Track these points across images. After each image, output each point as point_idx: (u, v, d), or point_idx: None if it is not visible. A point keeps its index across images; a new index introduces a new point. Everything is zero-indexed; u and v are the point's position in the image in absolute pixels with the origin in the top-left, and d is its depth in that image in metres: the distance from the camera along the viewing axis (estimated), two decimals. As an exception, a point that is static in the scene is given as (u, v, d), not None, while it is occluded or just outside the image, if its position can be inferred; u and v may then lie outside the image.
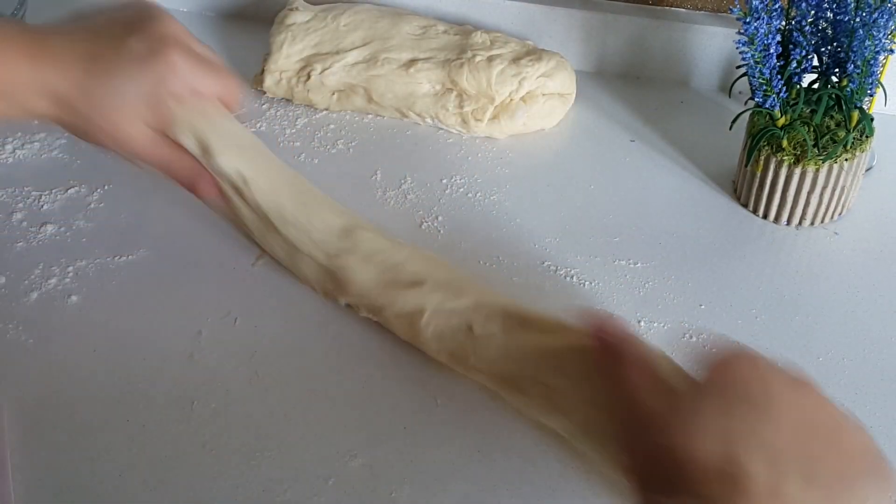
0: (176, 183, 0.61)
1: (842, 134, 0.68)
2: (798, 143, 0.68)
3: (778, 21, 0.65)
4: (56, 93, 0.56)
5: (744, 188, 0.72)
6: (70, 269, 0.65)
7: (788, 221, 0.71)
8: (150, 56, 0.58)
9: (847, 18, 0.66)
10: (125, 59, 0.57)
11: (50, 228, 0.68)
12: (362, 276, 0.61)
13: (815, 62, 0.69)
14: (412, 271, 0.61)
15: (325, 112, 0.80)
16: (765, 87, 0.67)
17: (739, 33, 0.65)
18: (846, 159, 0.68)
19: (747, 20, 0.64)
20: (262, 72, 0.81)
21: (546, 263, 0.67)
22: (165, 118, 0.59)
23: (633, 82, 0.86)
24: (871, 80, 0.67)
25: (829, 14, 0.67)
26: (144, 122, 0.58)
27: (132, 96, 0.57)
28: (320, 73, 0.79)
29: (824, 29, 0.67)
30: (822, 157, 0.68)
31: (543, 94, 0.79)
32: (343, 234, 0.63)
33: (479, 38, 0.80)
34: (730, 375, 0.42)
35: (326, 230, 0.63)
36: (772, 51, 0.65)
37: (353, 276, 0.61)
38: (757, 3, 0.64)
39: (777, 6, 0.65)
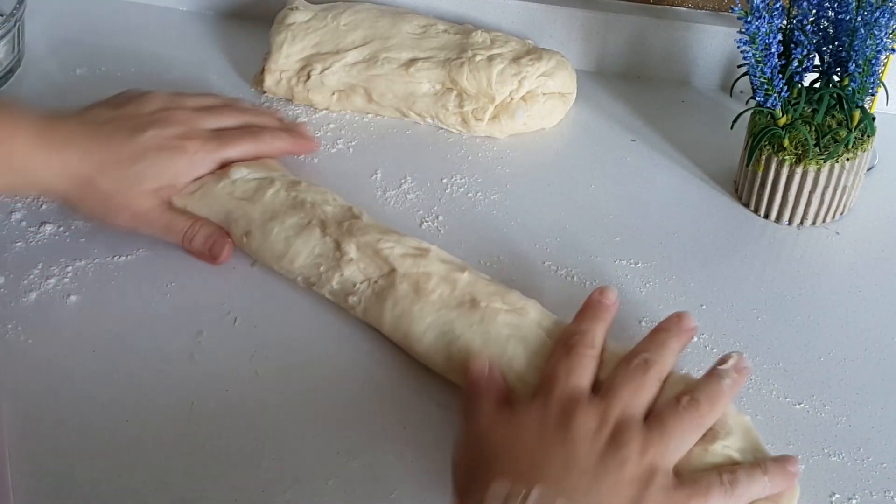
0: (192, 250, 0.65)
1: (843, 133, 0.68)
2: (799, 142, 0.68)
3: (779, 20, 0.65)
4: (77, 173, 0.62)
5: (745, 188, 0.72)
6: (69, 269, 0.65)
7: (790, 221, 0.71)
8: (168, 150, 0.64)
9: (848, 17, 0.66)
10: (144, 150, 0.64)
11: (49, 228, 0.68)
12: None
13: (817, 61, 0.69)
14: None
15: (325, 112, 0.80)
16: (766, 87, 0.66)
17: (740, 32, 0.65)
18: (847, 159, 0.68)
19: (748, 19, 0.64)
20: (262, 71, 0.81)
21: (546, 263, 0.67)
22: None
23: (633, 82, 0.86)
24: (872, 80, 0.66)
25: (831, 13, 0.67)
26: (158, 199, 0.65)
27: (150, 182, 0.64)
28: (320, 73, 0.79)
29: (826, 28, 0.67)
30: (823, 157, 0.67)
31: (544, 94, 0.79)
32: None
33: (479, 37, 0.79)
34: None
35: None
36: (773, 50, 0.65)
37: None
38: (758, 1, 0.64)
39: (778, 5, 0.65)
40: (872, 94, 0.68)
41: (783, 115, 0.68)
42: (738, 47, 0.65)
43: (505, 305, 0.59)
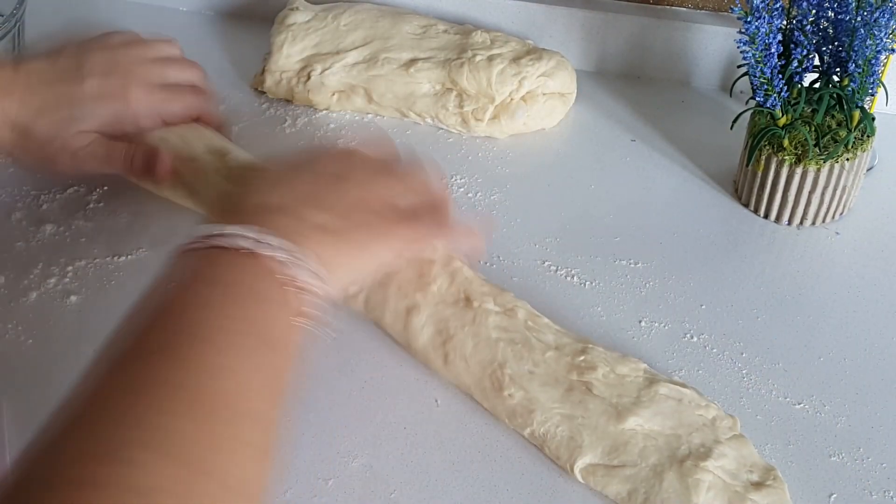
0: (135, 172, 0.65)
1: (843, 133, 0.68)
2: (799, 142, 0.68)
3: (779, 20, 0.65)
4: (16, 123, 0.60)
5: (745, 188, 0.72)
6: (69, 268, 0.65)
7: (789, 221, 0.71)
8: (108, 98, 0.62)
9: (848, 17, 0.66)
10: (84, 98, 0.62)
11: (49, 228, 0.68)
12: None
13: (817, 61, 0.69)
14: None
15: (325, 112, 0.80)
16: (766, 87, 0.66)
17: (740, 32, 0.65)
18: (847, 159, 0.68)
19: (748, 19, 0.64)
20: (263, 72, 0.81)
21: (546, 263, 0.67)
22: (134, 138, 0.64)
23: (633, 82, 0.86)
24: (872, 80, 0.66)
25: (831, 13, 0.67)
26: (97, 135, 0.63)
27: (92, 122, 0.62)
28: (320, 74, 0.79)
29: (825, 28, 0.67)
30: (823, 157, 0.67)
31: (544, 94, 0.79)
32: None
33: (479, 37, 0.79)
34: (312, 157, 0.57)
35: None
36: (773, 50, 0.65)
37: None
38: (758, 2, 0.64)
39: (778, 5, 0.65)
40: (872, 95, 0.68)
41: (783, 115, 0.68)
42: (738, 47, 0.65)
43: (496, 307, 0.59)
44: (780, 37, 0.65)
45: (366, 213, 0.52)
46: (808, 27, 0.67)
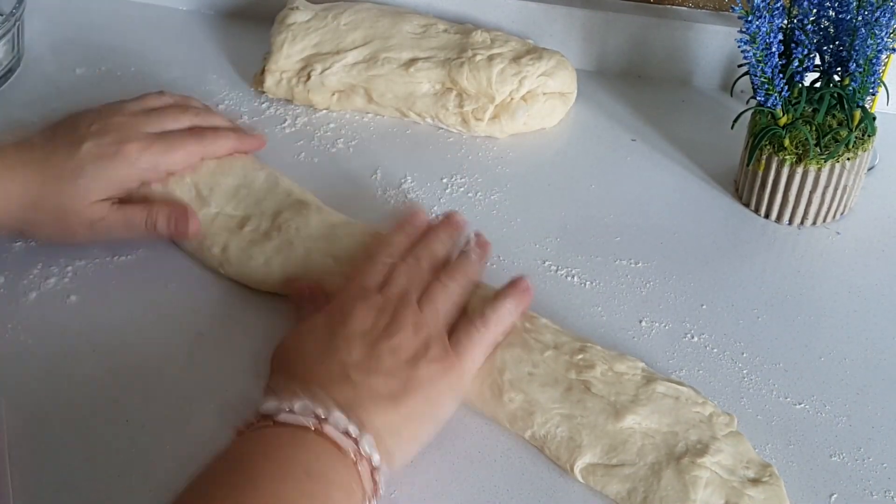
0: (160, 234, 0.65)
1: (844, 133, 0.68)
2: (800, 142, 0.68)
3: (780, 19, 0.65)
4: (22, 202, 0.61)
5: (745, 187, 0.72)
6: (69, 268, 0.65)
7: (790, 221, 0.71)
8: (107, 158, 0.63)
9: (849, 17, 0.66)
10: (83, 164, 0.62)
11: (49, 228, 0.68)
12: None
13: (817, 61, 0.69)
14: None
15: (325, 111, 0.80)
16: (766, 86, 0.66)
17: (741, 32, 0.65)
18: (848, 158, 0.68)
19: (749, 19, 0.64)
20: (263, 71, 0.80)
21: (546, 263, 0.67)
22: (135, 197, 0.65)
23: (634, 81, 0.85)
24: (873, 79, 0.66)
25: (831, 12, 0.67)
26: (111, 203, 0.63)
27: (97, 189, 0.62)
28: (320, 74, 0.79)
29: (826, 27, 0.67)
30: (823, 157, 0.67)
31: (544, 94, 0.79)
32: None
33: (479, 36, 0.79)
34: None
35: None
36: (773, 49, 0.65)
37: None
38: (759, 1, 0.64)
39: (779, 4, 0.65)
40: (873, 94, 0.68)
41: (784, 114, 0.68)
42: (739, 47, 0.65)
43: None
44: (780, 36, 0.65)
45: (425, 364, 0.52)
46: (809, 26, 0.66)
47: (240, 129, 0.73)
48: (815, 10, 0.67)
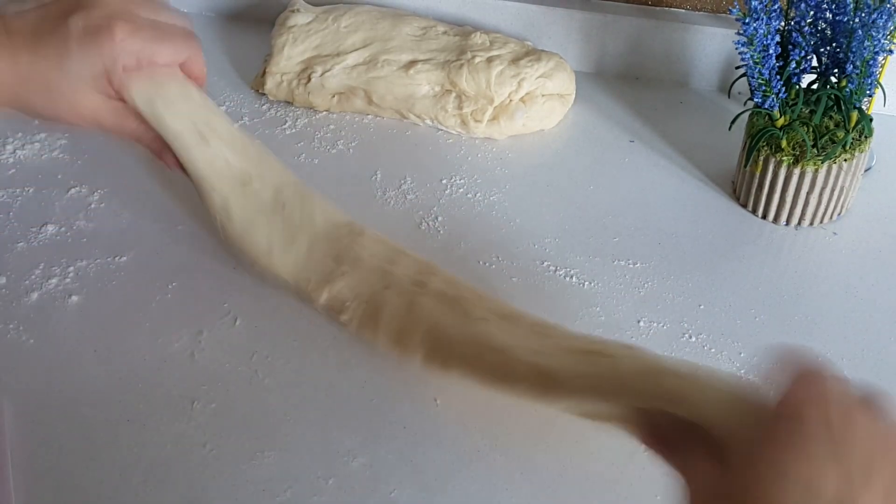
0: (147, 151, 0.61)
1: (841, 134, 0.68)
2: (797, 143, 0.69)
3: (777, 22, 0.66)
4: (6, 81, 0.56)
5: (743, 188, 0.72)
6: (70, 269, 0.65)
7: (787, 222, 0.71)
8: (93, 34, 0.57)
9: (846, 19, 0.66)
10: (69, 40, 0.57)
11: (50, 228, 0.68)
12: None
13: (814, 63, 0.69)
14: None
15: (325, 113, 0.80)
16: (764, 88, 0.67)
17: (738, 34, 0.65)
18: (845, 160, 0.68)
19: (746, 21, 0.64)
20: (264, 74, 0.81)
21: (546, 263, 0.68)
22: (122, 90, 0.59)
23: (632, 83, 0.86)
24: (870, 81, 0.67)
25: (828, 15, 0.67)
26: (103, 94, 0.58)
27: (84, 75, 0.57)
28: (321, 76, 0.79)
29: (823, 29, 0.68)
30: (821, 158, 0.68)
31: (543, 95, 0.79)
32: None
33: (478, 38, 0.80)
34: (804, 409, 0.39)
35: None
36: (771, 51, 0.65)
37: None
38: (756, 3, 0.64)
39: (776, 7, 0.65)
40: (870, 96, 0.69)
41: (781, 116, 0.68)
42: (737, 49, 0.66)
43: (499, 320, 0.58)
44: (778, 38, 0.66)
45: None
46: (807, 28, 0.67)
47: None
48: (812, 13, 0.67)
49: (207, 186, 0.61)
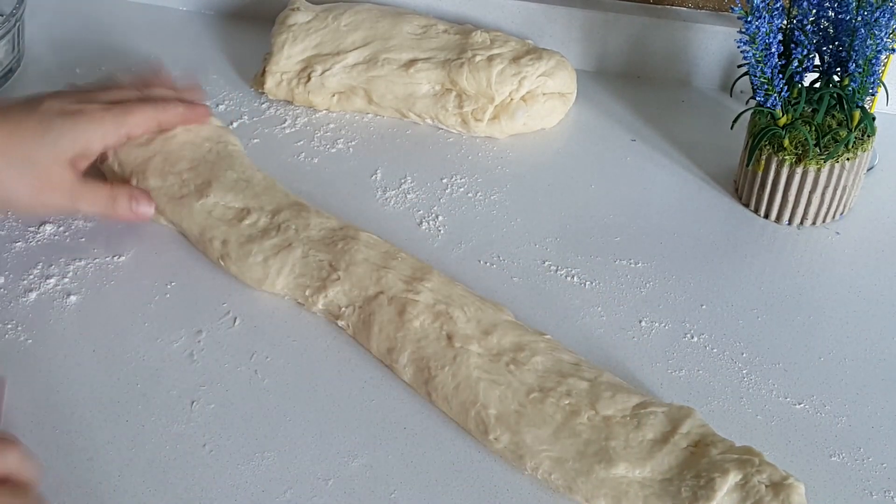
0: (119, 215, 0.65)
1: (843, 133, 0.68)
2: (799, 142, 0.68)
3: (779, 20, 0.65)
4: None
5: (745, 188, 0.72)
6: (69, 268, 0.65)
7: (790, 221, 0.71)
8: (72, 113, 0.63)
9: (849, 17, 0.66)
10: (51, 118, 0.62)
11: (49, 228, 0.68)
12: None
13: (817, 61, 0.69)
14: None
15: (325, 112, 0.80)
16: (766, 87, 0.66)
17: (741, 32, 0.65)
18: (848, 159, 0.68)
19: (748, 19, 0.64)
20: (263, 72, 0.81)
21: (546, 263, 0.67)
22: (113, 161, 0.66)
23: (633, 81, 0.86)
24: (872, 80, 0.66)
25: (831, 13, 0.67)
26: (75, 171, 0.63)
27: (65, 147, 0.62)
28: (321, 75, 0.79)
29: (826, 28, 0.67)
30: (823, 157, 0.67)
31: (543, 94, 0.79)
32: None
33: (478, 37, 0.79)
34: None
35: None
36: (773, 50, 0.65)
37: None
38: (758, 1, 0.64)
39: (778, 5, 0.65)
40: (872, 94, 0.68)
41: (783, 114, 0.68)
42: (739, 47, 0.65)
43: (479, 349, 0.58)
44: (780, 36, 0.65)
45: None
46: (809, 27, 0.67)
47: (186, 100, 0.71)
48: (814, 11, 0.67)
49: (208, 235, 0.65)
